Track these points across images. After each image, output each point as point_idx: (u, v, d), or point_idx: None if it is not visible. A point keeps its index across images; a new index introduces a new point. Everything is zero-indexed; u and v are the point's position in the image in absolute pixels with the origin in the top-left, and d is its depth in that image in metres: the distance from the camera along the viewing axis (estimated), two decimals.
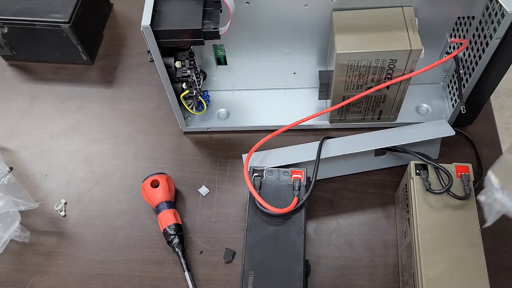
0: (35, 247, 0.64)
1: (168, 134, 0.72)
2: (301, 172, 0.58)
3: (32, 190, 0.68)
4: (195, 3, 0.55)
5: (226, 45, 0.65)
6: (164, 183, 0.63)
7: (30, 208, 0.62)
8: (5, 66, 0.81)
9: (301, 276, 0.52)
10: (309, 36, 0.63)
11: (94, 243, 0.63)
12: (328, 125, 0.69)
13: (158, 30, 0.53)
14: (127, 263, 0.62)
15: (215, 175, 0.67)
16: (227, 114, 0.71)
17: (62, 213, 0.66)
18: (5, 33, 0.74)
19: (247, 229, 0.55)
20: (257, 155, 0.61)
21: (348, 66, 0.57)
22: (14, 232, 0.61)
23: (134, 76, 0.78)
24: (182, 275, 0.60)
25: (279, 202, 0.55)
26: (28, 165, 0.70)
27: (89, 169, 0.69)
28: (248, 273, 0.53)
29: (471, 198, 0.53)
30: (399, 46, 0.55)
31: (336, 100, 0.63)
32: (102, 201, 0.67)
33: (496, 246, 0.59)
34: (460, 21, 0.61)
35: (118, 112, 0.75)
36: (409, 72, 0.58)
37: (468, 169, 0.55)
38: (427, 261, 0.50)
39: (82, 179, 0.69)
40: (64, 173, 0.69)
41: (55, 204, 0.67)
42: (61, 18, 0.71)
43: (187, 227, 0.63)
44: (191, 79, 0.61)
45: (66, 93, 0.77)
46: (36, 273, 0.62)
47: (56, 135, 0.73)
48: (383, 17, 0.57)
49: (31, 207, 0.62)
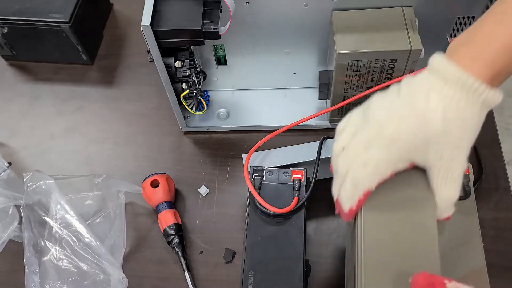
0: None
1: (168, 134, 0.72)
2: (301, 172, 0.58)
3: None
4: (195, 3, 0.55)
5: (226, 45, 0.65)
6: (164, 183, 0.63)
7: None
8: (5, 66, 0.81)
9: (301, 276, 0.52)
10: (309, 36, 0.63)
11: None
12: (328, 125, 0.69)
13: (158, 30, 0.53)
14: (127, 263, 0.62)
15: (215, 175, 0.67)
16: (227, 114, 0.71)
17: None
18: (5, 33, 0.74)
19: (247, 229, 0.55)
20: (257, 155, 0.61)
21: (348, 66, 0.57)
22: (13, 232, 0.61)
23: (134, 76, 0.78)
24: (182, 275, 0.60)
25: (279, 202, 0.55)
26: (28, 165, 0.70)
27: (89, 169, 0.69)
28: (248, 273, 0.53)
29: (471, 198, 0.53)
30: (399, 46, 0.55)
31: (336, 100, 0.63)
32: None
33: (496, 246, 0.59)
34: (460, 21, 0.61)
35: (118, 112, 0.75)
36: (409, 72, 0.58)
37: (468, 169, 0.55)
38: None
39: None
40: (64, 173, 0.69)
41: None
42: (61, 18, 0.71)
43: (187, 227, 0.63)
44: (191, 79, 0.61)
45: (66, 93, 0.77)
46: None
47: (56, 135, 0.73)
48: (383, 17, 0.57)
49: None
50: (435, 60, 0.39)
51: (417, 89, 0.39)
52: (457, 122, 0.38)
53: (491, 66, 0.37)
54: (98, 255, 0.58)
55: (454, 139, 0.39)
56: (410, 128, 0.39)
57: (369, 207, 0.42)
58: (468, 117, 0.38)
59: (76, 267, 0.58)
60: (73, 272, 0.58)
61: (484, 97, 0.37)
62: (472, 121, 0.38)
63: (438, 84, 0.38)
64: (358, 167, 0.41)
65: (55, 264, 0.59)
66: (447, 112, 0.37)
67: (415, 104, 0.38)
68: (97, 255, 0.58)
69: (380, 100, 0.42)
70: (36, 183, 0.61)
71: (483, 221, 0.60)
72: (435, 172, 0.41)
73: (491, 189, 0.63)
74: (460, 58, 0.38)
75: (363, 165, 0.40)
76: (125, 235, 0.62)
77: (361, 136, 0.41)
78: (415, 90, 0.39)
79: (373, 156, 0.40)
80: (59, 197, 0.60)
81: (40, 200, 0.61)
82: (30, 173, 0.62)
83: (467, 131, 0.39)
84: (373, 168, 0.40)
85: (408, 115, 0.39)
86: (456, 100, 0.37)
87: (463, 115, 0.38)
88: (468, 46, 0.38)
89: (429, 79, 0.39)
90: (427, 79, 0.39)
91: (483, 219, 0.58)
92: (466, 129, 0.39)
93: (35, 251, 0.60)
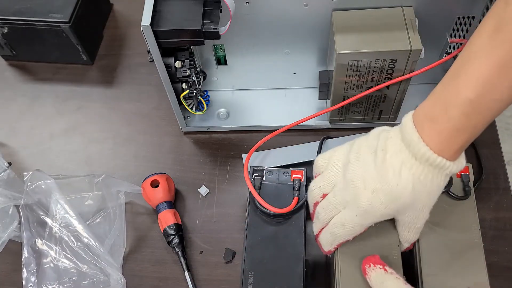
0: None
1: (168, 134, 0.72)
2: (301, 172, 0.58)
3: None
4: (195, 3, 0.55)
5: (226, 45, 0.65)
6: (164, 183, 0.63)
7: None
8: (5, 66, 0.81)
9: (301, 276, 0.52)
10: (309, 36, 0.63)
11: None
12: (328, 125, 0.69)
13: (158, 30, 0.53)
14: (127, 263, 0.62)
15: (215, 175, 0.67)
16: (227, 114, 0.71)
17: None
18: (5, 33, 0.74)
19: (247, 229, 0.55)
20: (257, 155, 0.61)
21: (348, 66, 0.57)
22: (13, 232, 0.61)
23: (134, 76, 0.78)
24: (182, 275, 0.60)
25: (279, 202, 0.55)
26: (28, 165, 0.70)
27: (89, 169, 0.69)
28: (248, 273, 0.53)
29: (471, 198, 0.53)
30: (399, 46, 0.55)
31: (336, 100, 0.63)
32: None
33: (496, 246, 0.59)
34: (460, 21, 0.61)
35: (118, 112, 0.75)
36: (409, 72, 0.58)
37: (468, 169, 0.55)
38: (427, 260, 0.50)
39: None
40: (64, 173, 0.69)
41: None
42: (61, 18, 0.71)
43: (187, 227, 0.63)
44: (191, 79, 0.61)
45: (66, 93, 0.77)
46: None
47: (56, 135, 0.73)
48: (383, 17, 0.57)
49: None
50: (407, 131, 0.42)
51: (390, 162, 0.43)
52: (423, 193, 0.43)
53: (454, 142, 0.41)
54: (97, 256, 0.58)
55: (419, 205, 0.45)
56: (382, 203, 0.44)
57: (344, 251, 0.50)
58: (434, 188, 0.43)
59: (74, 268, 0.58)
60: (72, 272, 0.58)
61: (449, 170, 0.42)
62: (437, 188, 0.44)
63: (409, 160, 0.42)
64: (337, 226, 0.47)
65: (54, 264, 0.59)
66: (416, 186, 0.42)
67: (388, 178, 0.43)
68: (96, 256, 0.58)
69: (357, 163, 0.46)
70: (36, 182, 0.61)
71: (483, 221, 0.60)
72: (401, 224, 0.48)
73: (491, 189, 0.63)
74: (427, 135, 0.41)
75: (341, 224, 0.47)
76: (125, 235, 0.62)
77: (340, 196, 0.47)
78: (389, 163, 0.43)
79: (350, 219, 0.46)
80: (59, 197, 0.60)
81: (39, 199, 0.61)
82: (31, 172, 0.62)
83: (432, 197, 0.45)
84: (350, 229, 0.47)
85: (380, 189, 0.43)
86: (424, 175, 0.42)
87: (430, 188, 0.43)
88: (432, 123, 0.41)
89: (401, 154, 0.43)
90: (400, 153, 0.43)
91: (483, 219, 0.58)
92: (431, 196, 0.44)
93: (34, 251, 0.59)
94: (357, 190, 0.45)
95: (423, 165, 0.42)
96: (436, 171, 0.42)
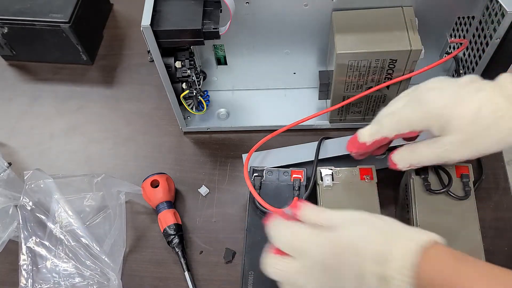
0: None
1: (168, 134, 0.72)
2: (301, 172, 0.58)
3: None
4: (195, 3, 0.55)
5: (226, 45, 0.65)
6: (164, 183, 0.63)
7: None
8: (5, 66, 0.81)
9: None
10: (309, 36, 0.63)
11: None
12: (328, 125, 0.69)
13: (158, 30, 0.53)
14: (127, 263, 0.62)
15: (215, 175, 0.67)
16: (227, 114, 0.71)
17: None
18: (5, 33, 0.74)
19: (247, 229, 0.55)
20: (257, 155, 0.61)
21: (348, 66, 0.57)
22: (13, 232, 0.61)
23: (134, 76, 0.78)
24: (182, 275, 0.60)
25: (279, 202, 0.55)
26: (28, 165, 0.70)
27: (89, 169, 0.69)
28: (248, 273, 0.53)
29: (471, 198, 0.53)
30: (399, 46, 0.55)
31: (336, 100, 0.63)
32: None
33: (496, 246, 0.59)
34: (460, 21, 0.61)
35: (118, 112, 0.75)
36: (409, 72, 0.58)
37: (468, 169, 0.55)
38: None
39: None
40: (64, 173, 0.69)
41: None
42: (61, 18, 0.71)
43: (187, 227, 0.63)
44: (191, 79, 0.61)
45: (66, 93, 0.77)
46: None
47: (56, 135, 0.73)
48: (383, 17, 0.57)
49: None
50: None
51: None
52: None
53: None
54: (94, 256, 0.58)
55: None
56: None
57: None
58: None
59: (71, 268, 0.58)
60: (68, 273, 0.58)
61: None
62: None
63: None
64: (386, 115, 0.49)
65: (50, 264, 0.59)
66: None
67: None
68: (93, 256, 0.58)
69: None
70: (35, 181, 0.61)
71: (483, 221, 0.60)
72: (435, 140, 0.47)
73: (491, 189, 0.63)
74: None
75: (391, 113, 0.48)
76: (125, 235, 0.62)
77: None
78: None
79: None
80: (59, 196, 0.60)
81: (39, 199, 0.61)
82: (31, 171, 0.62)
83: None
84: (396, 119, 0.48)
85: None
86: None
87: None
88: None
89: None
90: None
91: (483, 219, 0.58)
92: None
93: (31, 250, 0.59)
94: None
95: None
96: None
